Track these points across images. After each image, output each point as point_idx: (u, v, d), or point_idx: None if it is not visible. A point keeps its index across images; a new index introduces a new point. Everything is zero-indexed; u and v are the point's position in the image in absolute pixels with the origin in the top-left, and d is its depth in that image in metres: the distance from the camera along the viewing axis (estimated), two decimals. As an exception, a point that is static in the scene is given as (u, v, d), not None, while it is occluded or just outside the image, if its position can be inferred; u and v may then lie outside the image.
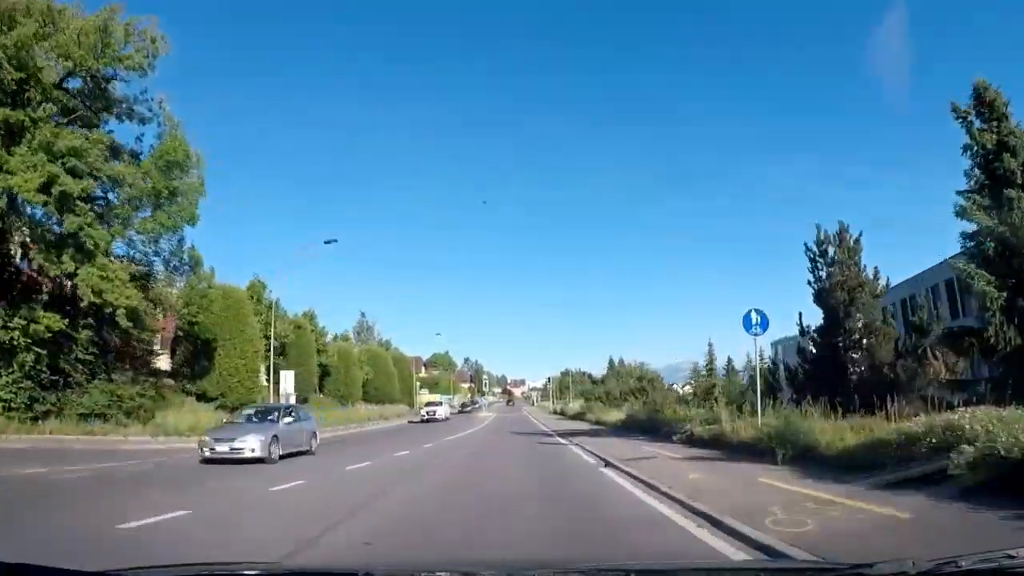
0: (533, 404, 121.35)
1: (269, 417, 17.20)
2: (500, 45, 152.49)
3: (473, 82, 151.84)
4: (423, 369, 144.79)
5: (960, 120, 13.26)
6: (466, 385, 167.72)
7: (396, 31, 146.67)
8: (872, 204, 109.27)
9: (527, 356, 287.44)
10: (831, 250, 18.93)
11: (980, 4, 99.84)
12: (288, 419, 17.55)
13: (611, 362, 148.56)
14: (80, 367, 20.53)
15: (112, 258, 20.66)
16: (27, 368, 18.79)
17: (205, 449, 15.05)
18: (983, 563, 1.69)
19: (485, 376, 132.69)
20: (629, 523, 7.34)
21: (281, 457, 15.69)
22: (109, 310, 19.55)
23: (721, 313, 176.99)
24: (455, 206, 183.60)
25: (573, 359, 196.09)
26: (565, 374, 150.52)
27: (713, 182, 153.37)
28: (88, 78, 19.99)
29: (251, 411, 18.49)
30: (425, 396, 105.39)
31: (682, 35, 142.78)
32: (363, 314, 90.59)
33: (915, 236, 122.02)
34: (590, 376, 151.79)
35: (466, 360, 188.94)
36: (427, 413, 50.56)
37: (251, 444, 14.82)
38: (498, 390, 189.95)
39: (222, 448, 14.77)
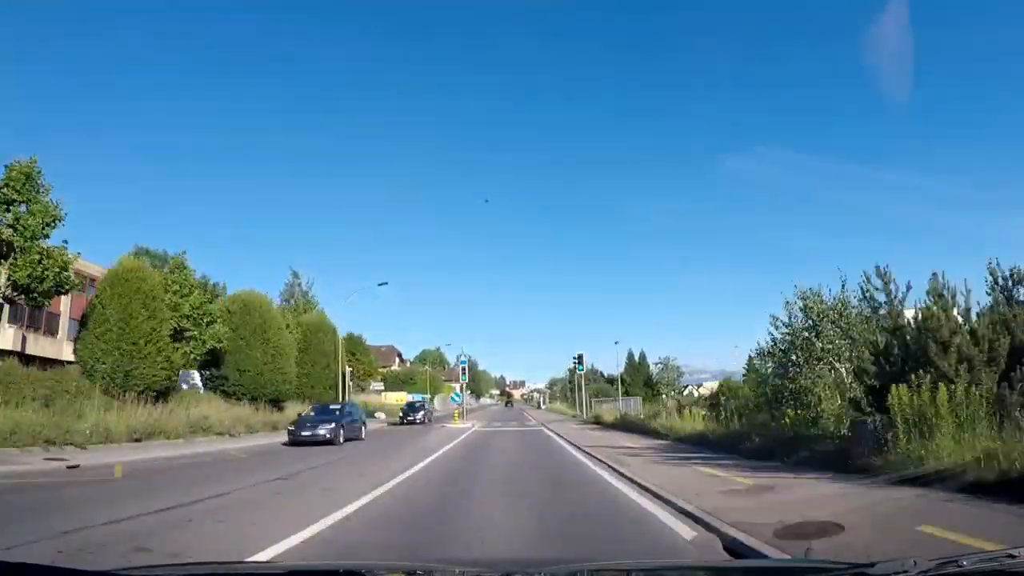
0: (540, 407, 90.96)
1: None
2: (500, 44, 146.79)
3: (474, 80, 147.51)
4: (397, 361, 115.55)
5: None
6: (457, 385, 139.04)
7: (395, 29, 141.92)
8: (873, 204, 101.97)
9: (527, 360, 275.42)
10: None
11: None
12: None
13: (630, 356, 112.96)
14: None
15: None
16: None
17: None
18: (985, 563, 1.66)
19: (463, 366, 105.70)
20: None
21: None
22: None
23: (730, 315, 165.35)
24: (455, 206, 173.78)
25: (571, 362, 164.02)
26: (573, 371, 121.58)
27: (710, 180, 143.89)
28: None
29: None
30: (390, 396, 76.10)
31: (681, 31, 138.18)
32: (295, 273, 61.26)
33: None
34: (602, 374, 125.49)
35: (459, 357, 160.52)
36: None
37: None
38: (496, 391, 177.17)
39: None
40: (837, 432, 10.17)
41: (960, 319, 8.34)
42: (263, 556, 5.01)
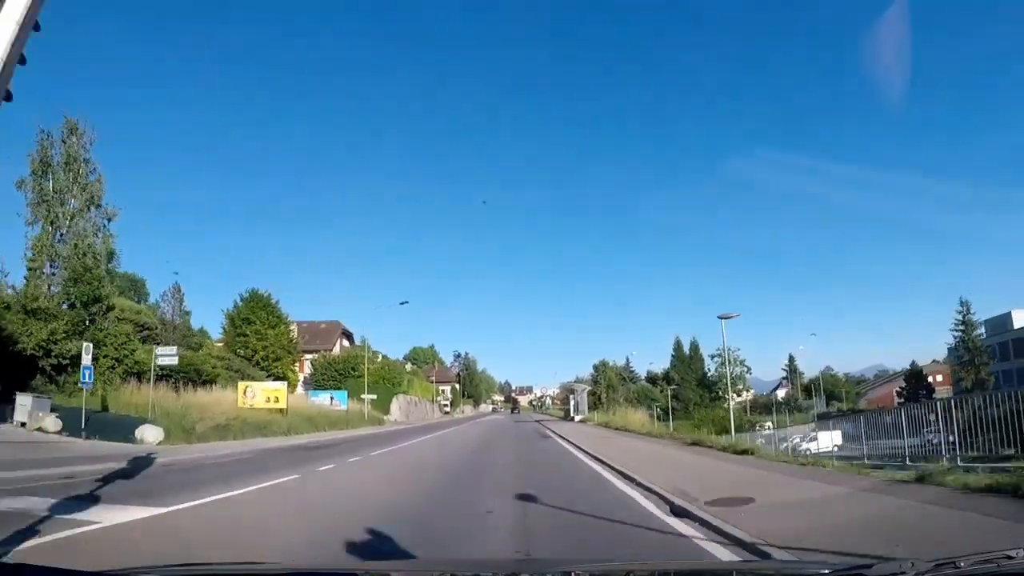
0: (571, 418, 52.98)
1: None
2: (499, 45, 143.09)
3: (474, 81, 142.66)
4: (342, 343, 78.41)
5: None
6: (441, 388, 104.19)
7: (396, 29, 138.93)
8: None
9: (529, 368, 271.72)
10: None
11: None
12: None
13: (678, 347, 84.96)
14: None
15: None
16: None
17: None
18: (982, 564, 1.64)
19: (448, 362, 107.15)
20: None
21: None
22: None
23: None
24: (455, 206, 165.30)
25: (583, 365, 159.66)
26: (601, 368, 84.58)
27: (711, 182, 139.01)
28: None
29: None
30: (263, 389, 39.60)
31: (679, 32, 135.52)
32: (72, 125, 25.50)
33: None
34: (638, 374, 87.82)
35: (456, 356, 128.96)
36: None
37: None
38: (499, 397, 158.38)
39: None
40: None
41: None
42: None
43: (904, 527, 5.37)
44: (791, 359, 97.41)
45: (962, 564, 1.59)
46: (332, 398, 39.59)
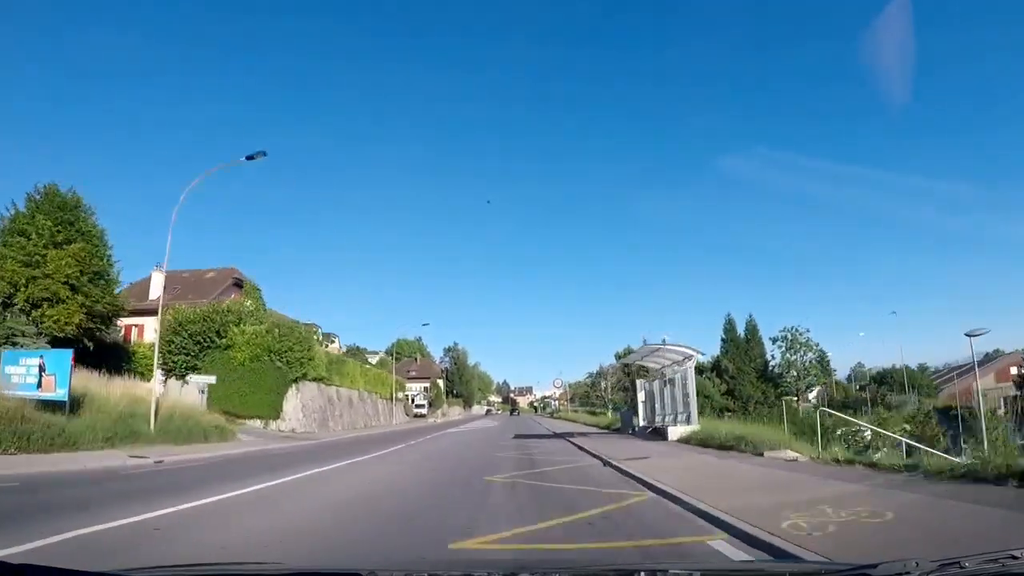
0: (660, 430, 25.53)
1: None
2: (497, 45, 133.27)
3: (475, 82, 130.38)
4: (233, 297, 51.15)
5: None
6: (422, 385, 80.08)
7: (397, 30, 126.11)
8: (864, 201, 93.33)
9: (532, 366, 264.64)
10: None
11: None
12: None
13: (729, 328, 66.95)
14: None
15: None
16: None
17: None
18: (987, 564, 1.63)
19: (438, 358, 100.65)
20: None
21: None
22: None
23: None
24: (457, 207, 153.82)
25: (585, 366, 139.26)
26: (626, 356, 62.83)
27: (713, 181, 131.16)
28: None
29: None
30: None
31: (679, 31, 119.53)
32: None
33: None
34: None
35: (447, 350, 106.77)
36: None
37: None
38: (496, 398, 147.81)
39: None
40: None
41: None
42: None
43: None
44: (822, 355, 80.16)
45: (967, 564, 1.56)
46: (42, 369, 15.46)
